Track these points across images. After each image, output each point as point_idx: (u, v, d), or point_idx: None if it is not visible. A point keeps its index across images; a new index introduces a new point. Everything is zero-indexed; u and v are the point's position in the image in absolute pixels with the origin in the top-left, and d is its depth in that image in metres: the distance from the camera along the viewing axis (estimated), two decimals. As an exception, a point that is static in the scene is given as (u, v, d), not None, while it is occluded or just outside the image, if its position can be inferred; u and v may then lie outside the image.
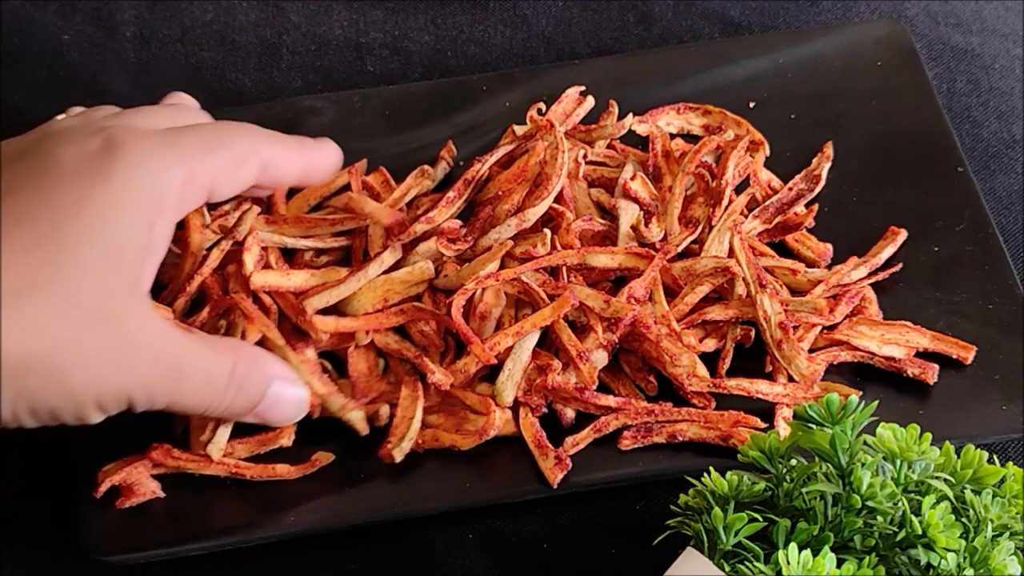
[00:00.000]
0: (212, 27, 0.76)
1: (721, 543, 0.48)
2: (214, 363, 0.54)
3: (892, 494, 0.47)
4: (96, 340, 0.49)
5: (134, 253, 0.50)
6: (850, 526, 0.47)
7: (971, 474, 0.49)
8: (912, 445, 0.48)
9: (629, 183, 0.62)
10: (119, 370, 0.50)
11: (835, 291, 0.61)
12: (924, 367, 0.59)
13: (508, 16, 0.77)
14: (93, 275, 0.49)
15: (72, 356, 0.49)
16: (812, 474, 0.49)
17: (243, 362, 0.55)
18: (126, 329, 0.50)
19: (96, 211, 0.49)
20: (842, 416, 0.48)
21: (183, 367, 0.52)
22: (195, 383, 0.53)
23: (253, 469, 0.58)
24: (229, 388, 0.54)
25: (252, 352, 0.56)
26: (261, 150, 0.56)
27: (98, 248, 0.49)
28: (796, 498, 0.48)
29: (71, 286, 0.48)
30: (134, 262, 0.50)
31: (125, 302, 0.50)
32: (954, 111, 0.71)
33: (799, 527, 0.48)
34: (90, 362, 0.49)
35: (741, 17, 0.76)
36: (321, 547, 0.58)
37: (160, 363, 0.51)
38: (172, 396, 0.52)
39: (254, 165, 0.56)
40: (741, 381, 0.59)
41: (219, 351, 0.54)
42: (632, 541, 0.58)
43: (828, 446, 0.48)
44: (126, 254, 0.50)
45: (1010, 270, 0.62)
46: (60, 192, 0.49)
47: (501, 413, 0.58)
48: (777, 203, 0.64)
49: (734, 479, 0.49)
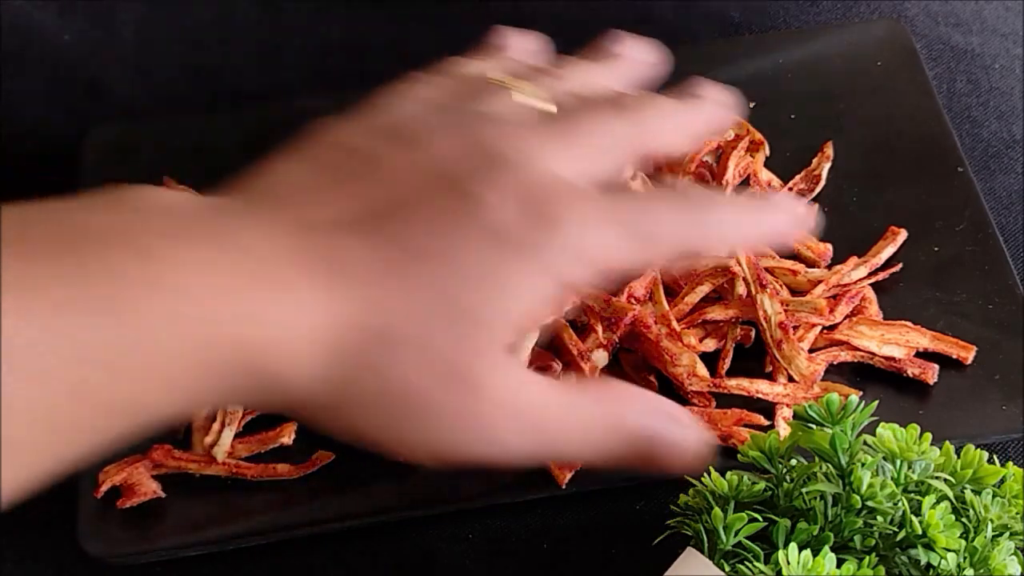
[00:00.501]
0: (212, 27, 0.76)
1: (721, 543, 0.48)
2: (592, 419, 0.49)
3: (892, 494, 0.47)
4: (456, 397, 0.46)
5: (522, 328, 0.48)
6: (850, 526, 0.47)
7: (971, 474, 0.49)
8: (912, 445, 0.48)
9: (629, 183, 0.62)
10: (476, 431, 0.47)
11: (835, 291, 0.61)
12: (924, 367, 0.59)
13: (508, 16, 0.77)
14: (473, 349, 0.46)
15: (429, 410, 0.46)
16: (812, 474, 0.49)
17: (627, 411, 0.50)
18: (490, 392, 0.46)
19: (500, 289, 0.46)
20: (842, 416, 0.48)
21: (553, 429, 0.48)
22: (566, 443, 0.49)
23: (254, 469, 0.58)
24: (611, 440, 0.49)
25: (638, 396, 0.51)
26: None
27: (484, 311, 0.46)
28: (796, 498, 0.48)
29: (449, 358, 0.45)
30: (518, 333, 0.48)
31: (495, 364, 0.46)
32: (954, 111, 0.71)
33: (799, 527, 0.48)
34: (447, 419, 0.46)
35: (741, 17, 0.76)
36: (321, 547, 0.58)
37: (525, 428, 0.47)
38: (539, 454, 0.49)
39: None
40: (741, 381, 0.59)
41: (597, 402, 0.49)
42: (632, 541, 0.58)
43: (828, 446, 0.48)
44: (514, 330, 0.47)
45: (1010, 270, 0.62)
46: (473, 247, 0.46)
47: None
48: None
49: (734, 479, 0.49)
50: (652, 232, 0.49)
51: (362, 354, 0.45)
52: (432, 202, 0.47)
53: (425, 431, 0.46)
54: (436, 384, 0.46)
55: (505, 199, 0.47)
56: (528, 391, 0.47)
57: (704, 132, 0.56)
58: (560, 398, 0.48)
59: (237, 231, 0.44)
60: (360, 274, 0.45)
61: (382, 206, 0.46)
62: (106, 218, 0.43)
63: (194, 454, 0.59)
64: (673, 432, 0.50)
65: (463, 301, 0.45)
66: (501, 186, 0.47)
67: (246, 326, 0.43)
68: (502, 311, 0.46)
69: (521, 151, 0.49)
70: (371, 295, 0.45)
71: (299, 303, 0.43)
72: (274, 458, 0.59)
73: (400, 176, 0.48)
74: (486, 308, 0.46)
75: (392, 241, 0.46)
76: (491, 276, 0.46)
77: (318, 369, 0.44)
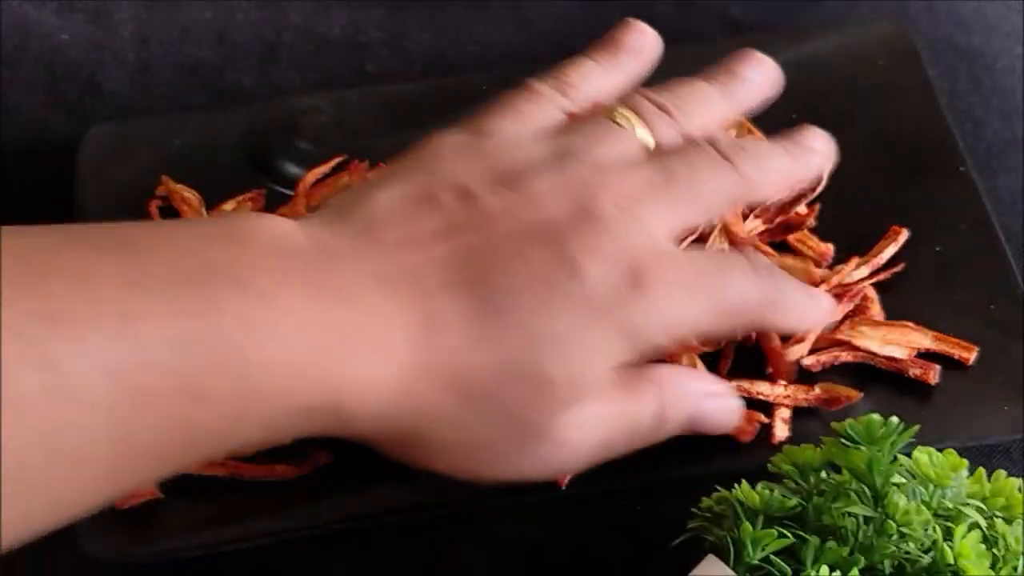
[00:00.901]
0: (211, 26, 0.76)
1: (748, 556, 0.48)
2: (643, 416, 0.51)
3: (926, 521, 0.47)
4: (518, 448, 0.48)
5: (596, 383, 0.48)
6: (882, 550, 0.47)
7: (1003, 502, 0.49)
8: (949, 472, 0.48)
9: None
10: (531, 468, 0.49)
11: (837, 291, 0.61)
12: (926, 367, 0.59)
13: (508, 15, 0.77)
14: (542, 405, 0.47)
15: (496, 455, 0.48)
16: (843, 490, 0.48)
17: (667, 402, 0.51)
18: (549, 445, 0.48)
19: (582, 343, 0.47)
20: (881, 437, 0.48)
21: (612, 438, 0.50)
22: (621, 445, 0.51)
23: (253, 469, 0.58)
24: (658, 429, 0.52)
25: (674, 381, 0.52)
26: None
27: (566, 375, 0.47)
28: (825, 512, 0.48)
29: (517, 400, 0.47)
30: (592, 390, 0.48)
31: (567, 415, 0.48)
32: (956, 110, 0.70)
33: (828, 546, 0.47)
34: (512, 464, 0.49)
35: (742, 17, 0.76)
36: (321, 548, 0.58)
37: (588, 450, 0.50)
38: (600, 461, 0.51)
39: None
40: (742, 381, 0.58)
41: (647, 394, 0.51)
42: (633, 542, 0.57)
43: (864, 467, 0.48)
44: (589, 385, 0.48)
45: (1012, 270, 0.62)
46: (564, 315, 0.47)
47: None
48: (778, 202, 0.64)
49: (765, 493, 0.49)
50: (734, 305, 0.50)
51: (437, 403, 0.46)
52: (528, 260, 0.47)
53: (491, 469, 0.49)
54: (505, 437, 0.47)
55: (602, 268, 0.47)
56: (594, 422, 0.49)
57: (801, 183, 0.58)
58: (621, 408, 0.50)
59: (336, 272, 0.45)
60: (447, 325, 0.46)
61: (477, 255, 0.47)
62: (212, 253, 0.43)
63: (193, 454, 0.58)
64: (711, 411, 0.53)
65: (543, 366, 0.46)
66: (600, 253, 0.47)
67: (334, 369, 0.44)
68: (579, 374, 0.47)
69: (626, 212, 0.49)
70: (456, 347, 0.46)
71: (387, 353, 0.45)
72: (274, 458, 0.59)
73: (499, 221, 0.48)
74: (563, 372, 0.47)
75: (483, 296, 0.46)
76: (575, 343, 0.47)
77: (391, 410, 0.46)
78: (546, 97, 0.55)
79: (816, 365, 0.59)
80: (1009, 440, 0.59)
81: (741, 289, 0.51)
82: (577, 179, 0.49)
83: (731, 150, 0.53)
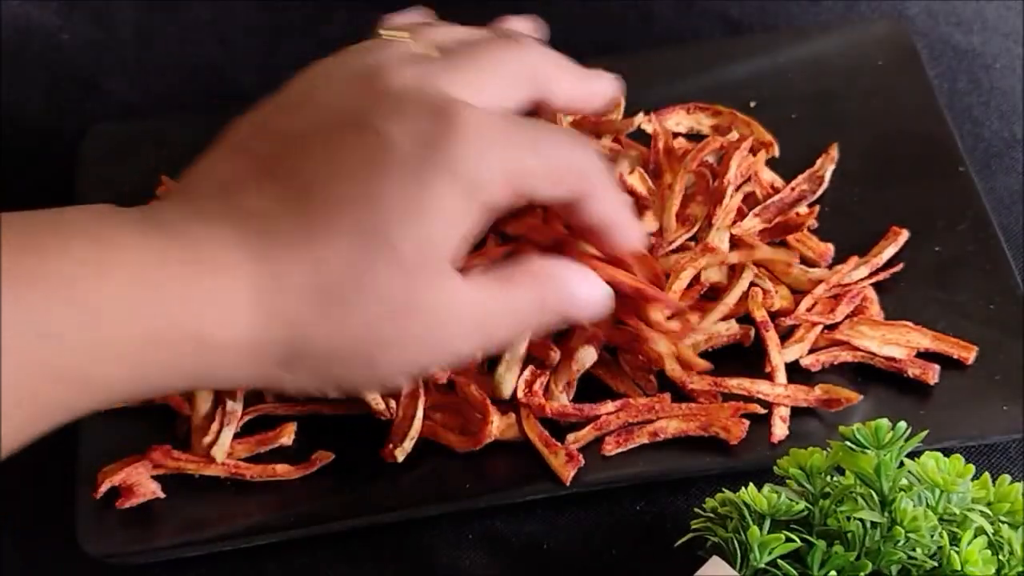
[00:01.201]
0: (211, 27, 0.76)
1: (754, 560, 0.48)
2: (521, 303, 0.52)
3: (933, 527, 0.47)
4: (407, 330, 0.48)
5: (449, 246, 0.49)
6: (889, 556, 0.47)
7: (1008, 507, 0.49)
8: (956, 478, 0.48)
9: (627, 177, 0.62)
10: (429, 350, 0.50)
11: (836, 291, 0.61)
12: (925, 367, 0.59)
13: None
14: (405, 272, 0.48)
15: (383, 347, 0.48)
16: (849, 494, 0.48)
17: (548, 288, 0.52)
18: (436, 314, 0.49)
19: (417, 206, 0.47)
20: (889, 442, 0.48)
21: (493, 323, 0.51)
22: (505, 329, 0.52)
23: (253, 469, 0.58)
24: (540, 316, 0.52)
25: (550, 271, 0.53)
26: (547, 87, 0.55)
27: (414, 245, 0.47)
28: (831, 516, 0.48)
29: (383, 285, 0.47)
30: (447, 253, 0.49)
31: (437, 289, 0.48)
32: (955, 110, 0.70)
33: (835, 551, 0.47)
34: (400, 348, 0.49)
35: (741, 17, 0.76)
36: (321, 547, 0.58)
37: (470, 331, 0.50)
38: (485, 347, 0.52)
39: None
40: (742, 381, 0.58)
41: (522, 286, 0.52)
42: (632, 541, 0.57)
43: (872, 471, 0.48)
44: (441, 249, 0.48)
45: (1011, 270, 0.62)
46: (385, 181, 0.47)
47: (501, 418, 0.58)
48: (779, 202, 0.64)
49: (772, 496, 0.49)
50: (561, 160, 0.51)
51: (299, 308, 0.46)
52: (338, 147, 0.48)
53: (382, 366, 0.49)
54: (383, 323, 0.47)
55: (406, 124, 0.48)
56: (467, 299, 0.49)
57: (603, 93, 0.58)
58: (495, 295, 0.51)
59: (176, 220, 0.47)
60: (280, 230, 0.47)
61: (287, 163, 0.48)
62: (68, 215, 0.46)
63: (193, 454, 0.59)
64: (586, 294, 0.53)
65: (391, 236, 0.47)
66: (400, 113, 0.49)
67: (189, 303, 0.45)
68: (428, 234, 0.47)
69: (414, 79, 0.50)
70: (302, 257, 0.46)
71: (232, 274, 0.46)
72: (273, 458, 0.59)
73: (304, 134, 0.50)
74: (412, 235, 0.47)
75: (304, 189, 0.47)
76: (411, 203, 0.47)
77: (259, 333, 0.46)
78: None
79: (815, 365, 0.59)
80: (1008, 439, 0.59)
81: (568, 149, 0.52)
82: (364, 75, 0.51)
83: (506, 35, 0.56)
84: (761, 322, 0.59)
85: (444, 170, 0.48)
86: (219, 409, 0.59)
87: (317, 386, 0.49)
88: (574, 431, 0.58)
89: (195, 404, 0.59)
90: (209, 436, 0.58)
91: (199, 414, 0.59)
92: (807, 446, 0.51)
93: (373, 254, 0.47)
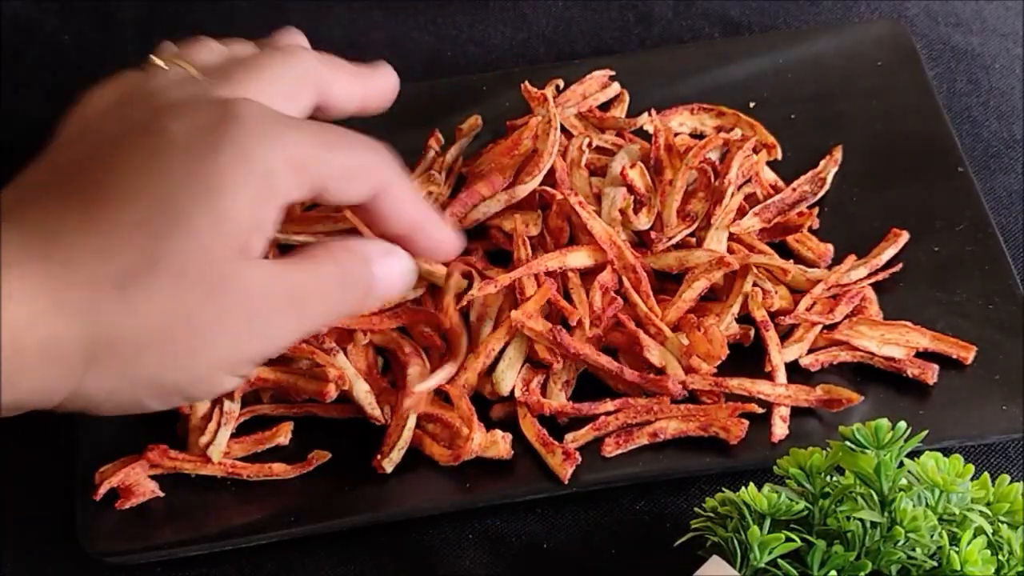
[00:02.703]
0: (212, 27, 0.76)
1: (754, 560, 0.48)
2: (325, 279, 0.52)
3: (933, 527, 0.47)
4: (210, 311, 0.48)
5: (243, 225, 0.49)
6: (889, 556, 0.47)
7: (1007, 507, 0.49)
8: (956, 478, 0.48)
9: (628, 171, 0.62)
10: (247, 336, 0.49)
11: (835, 291, 0.61)
12: (924, 367, 0.59)
13: (508, 16, 0.77)
14: (202, 246, 0.48)
15: (188, 330, 0.48)
16: (849, 494, 0.49)
17: (348, 262, 0.53)
18: (244, 291, 0.49)
19: (205, 184, 0.48)
20: (888, 442, 0.48)
21: (300, 300, 0.51)
22: (316, 307, 0.52)
23: (250, 468, 0.58)
24: (345, 292, 0.53)
25: (349, 246, 0.53)
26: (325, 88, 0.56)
27: (207, 219, 0.48)
28: (831, 515, 0.48)
29: (179, 261, 0.47)
30: (243, 233, 0.49)
31: (235, 266, 0.48)
32: (954, 111, 0.71)
33: (835, 551, 0.47)
34: (207, 333, 0.48)
35: (741, 17, 0.76)
36: (321, 547, 0.58)
37: (283, 308, 0.50)
38: (301, 329, 0.52)
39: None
40: (743, 381, 0.58)
41: (324, 262, 0.52)
42: (632, 541, 0.58)
43: (872, 471, 0.48)
44: (235, 225, 0.48)
45: (1010, 270, 0.62)
46: (170, 167, 0.48)
47: (483, 435, 0.58)
48: (779, 203, 0.64)
49: (772, 496, 0.49)
50: (345, 148, 0.52)
51: (98, 301, 0.46)
52: (124, 149, 0.49)
53: (200, 356, 0.48)
54: (188, 303, 0.47)
55: (187, 121, 0.49)
56: (273, 276, 0.50)
57: (384, 88, 0.59)
58: (299, 270, 0.51)
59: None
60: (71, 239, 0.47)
61: (81, 172, 0.49)
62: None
63: (190, 454, 0.59)
64: (388, 267, 0.53)
65: (184, 212, 0.47)
66: (181, 115, 0.49)
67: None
68: (222, 208, 0.48)
69: (190, 91, 0.51)
70: (88, 248, 0.46)
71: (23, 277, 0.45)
72: (270, 458, 0.59)
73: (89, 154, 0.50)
74: (205, 209, 0.47)
75: (95, 195, 0.48)
76: (199, 180, 0.48)
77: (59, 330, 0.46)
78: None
79: (815, 364, 0.59)
80: (1007, 439, 0.59)
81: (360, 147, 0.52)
82: (141, 97, 0.52)
83: (272, 45, 0.57)
84: (761, 322, 0.59)
85: (230, 149, 0.48)
86: (216, 409, 0.59)
87: (131, 393, 0.48)
88: (573, 431, 0.58)
89: (193, 404, 0.59)
90: (206, 436, 0.58)
91: (196, 414, 0.59)
92: (807, 446, 0.51)
93: (166, 231, 0.47)
